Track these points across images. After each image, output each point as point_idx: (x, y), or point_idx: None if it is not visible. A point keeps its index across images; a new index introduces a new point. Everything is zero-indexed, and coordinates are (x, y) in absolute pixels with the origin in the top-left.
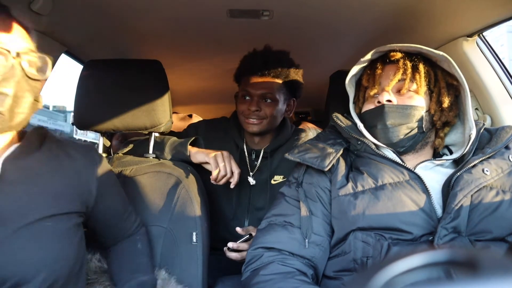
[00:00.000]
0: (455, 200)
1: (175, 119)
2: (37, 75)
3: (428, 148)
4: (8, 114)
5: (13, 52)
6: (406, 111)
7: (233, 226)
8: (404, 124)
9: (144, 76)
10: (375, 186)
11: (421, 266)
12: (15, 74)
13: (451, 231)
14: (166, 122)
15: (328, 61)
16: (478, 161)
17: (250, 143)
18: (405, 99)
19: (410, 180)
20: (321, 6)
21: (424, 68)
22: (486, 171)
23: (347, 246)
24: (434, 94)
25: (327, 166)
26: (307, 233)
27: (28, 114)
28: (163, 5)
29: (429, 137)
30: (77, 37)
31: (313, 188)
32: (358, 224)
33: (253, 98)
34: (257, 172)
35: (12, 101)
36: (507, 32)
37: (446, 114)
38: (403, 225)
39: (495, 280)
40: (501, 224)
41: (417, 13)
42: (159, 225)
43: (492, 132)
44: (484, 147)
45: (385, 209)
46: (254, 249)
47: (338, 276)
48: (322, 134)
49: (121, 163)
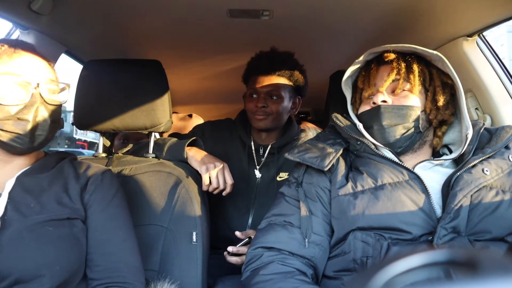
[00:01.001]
0: (455, 200)
1: (175, 119)
2: (56, 100)
3: (426, 148)
4: (30, 137)
5: (33, 83)
6: (401, 111)
7: (235, 223)
8: (400, 124)
9: (144, 76)
10: (374, 186)
11: (421, 266)
12: (34, 102)
13: (450, 231)
14: (166, 122)
15: (328, 61)
16: (478, 161)
17: (257, 139)
18: (400, 99)
19: (409, 180)
20: (321, 6)
21: (418, 67)
22: (486, 171)
23: (347, 246)
24: (429, 93)
25: (326, 166)
26: (307, 233)
27: (49, 135)
28: (163, 5)
29: (427, 136)
30: (77, 37)
31: (313, 188)
32: (357, 224)
33: (259, 96)
34: (264, 167)
35: (32, 126)
36: (507, 32)
37: (442, 113)
38: (402, 225)
39: (495, 280)
40: (501, 224)
41: (417, 13)
42: (159, 224)
43: (492, 132)
44: (484, 147)
45: (384, 209)
46: (254, 248)
47: (338, 276)
48: (322, 134)
49: (121, 162)
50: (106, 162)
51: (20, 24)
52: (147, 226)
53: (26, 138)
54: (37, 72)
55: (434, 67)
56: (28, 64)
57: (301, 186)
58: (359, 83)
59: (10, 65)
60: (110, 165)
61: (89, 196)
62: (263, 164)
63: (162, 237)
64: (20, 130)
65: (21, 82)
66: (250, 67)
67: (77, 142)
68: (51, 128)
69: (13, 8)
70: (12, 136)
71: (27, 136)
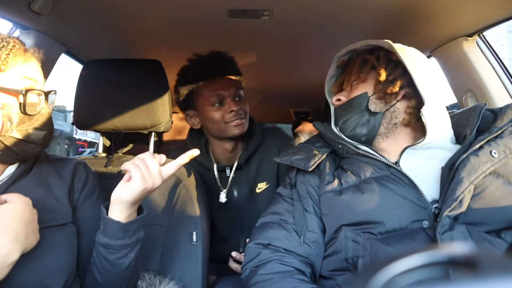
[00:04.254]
0: (461, 187)
1: (175, 119)
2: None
3: (403, 130)
4: (42, 147)
5: (45, 92)
6: (350, 104)
7: (230, 246)
8: (352, 116)
9: (144, 76)
10: (358, 181)
11: (420, 266)
12: (47, 111)
13: (452, 218)
14: (166, 122)
15: (328, 61)
16: (485, 142)
17: (221, 160)
18: (352, 93)
19: (392, 173)
20: (321, 6)
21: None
22: (494, 154)
23: (339, 245)
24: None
25: (311, 166)
26: (302, 231)
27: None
28: (163, 5)
29: (395, 118)
30: (77, 37)
31: (305, 186)
32: (345, 219)
33: (228, 100)
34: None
35: (49, 134)
36: (507, 32)
37: (388, 87)
38: (390, 216)
39: (495, 280)
40: (500, 217)
41: (417, 13)
42: (159, 224)
43: (497, 111)
44: (490, 127)
45: (370, 202)
46: (252, 244)
47: (332, 276)
48: (312, 138)
49: (121, 162)
50: (106, 162)
51: (20, 24)
52: (147, 226)
53: (38, 148)
54: (42, 79)
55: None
56: (37, 70)
57: (295, 187)
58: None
59: (24, 69)
60: (110, 165)
61: (78, 194)
62: (230, 183)
63: (162, 237)
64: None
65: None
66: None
67: (77, 142)
68: (45, 138)
69: (13, 8)
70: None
71: (40, 145)
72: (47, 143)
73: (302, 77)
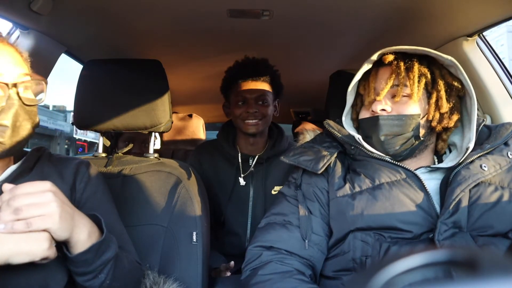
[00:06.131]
0: (453, 194)
1: (175, 119)
2: (33, 100)
3: (428, 152)
4: (8, 143)
5: (10, 84)
6: (400, 122)
7: (233, 241)
8: (400, 135)
9: (144, 76)
10: (372, 186)
11: (421, 266)
12: (12, 105)
13: (451, 226)
14: (166, 122)
15: (328, 61)
16: (476, 157)
17: (244, 150)
18: (400, 105)
19: (407, 178)
20: (321, 6)
21: (419, 70)
22: (484, 167)
23: (346, 246)
24: (433, 98)
25: (320, 169)
26: (307, 234)
27: (27, 139)
28: (163, 5)
29: (429, 141)
30: (77, 37)
31: (311, 188)
32: (357, 224)
33: (249, 101)
34: (251, 176)
35: (12, 131)
36: (507, 32)
37: (447, 120)
38: (401, 224)
39: (495, 280)
40: (502, 219)
41: (417, 13)
42: (159, 224)
43: (492, 129)
44: (483, 143)
45: (383, 209)
46: (253, 247)
47: (337, 276)
48: (319, 137)
49: (121, 162)
50: (106, 162)
51: (20, 24)
52: (147, 226)
53: (5, 145)
54: (13, 69)
55: (439, 67)
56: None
57: (300, 188)
58: (360, 89)
59: None
60: (110, 165)
61: (80, 195)
62: (250, 172)
63: (162, 237)
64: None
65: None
66: (232, 75)
67: (77, 142)
68: (32, 130)
69: (13, 8)
70: None
71: (5, 142)
72: (19, 140)
73: (302, 77)
